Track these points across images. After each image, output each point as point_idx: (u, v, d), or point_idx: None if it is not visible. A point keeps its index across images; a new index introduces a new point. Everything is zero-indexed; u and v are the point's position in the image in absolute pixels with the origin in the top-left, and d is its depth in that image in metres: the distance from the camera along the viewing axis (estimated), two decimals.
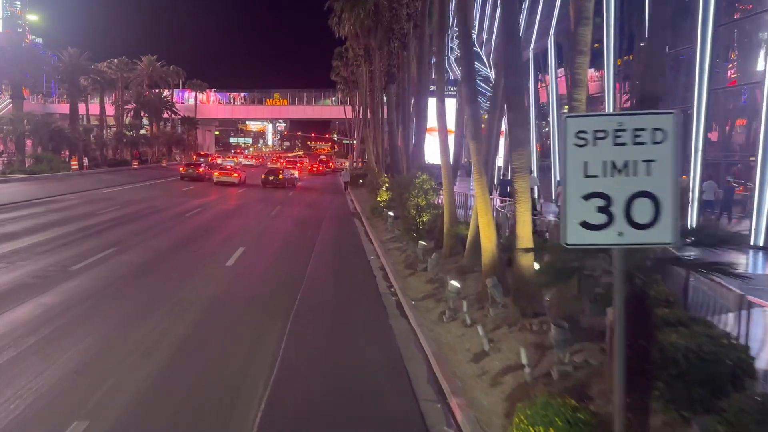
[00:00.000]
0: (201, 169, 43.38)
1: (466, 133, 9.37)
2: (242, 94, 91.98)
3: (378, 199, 24.72)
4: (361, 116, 68.38)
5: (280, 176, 40.05)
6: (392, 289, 12.20)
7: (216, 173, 40.95)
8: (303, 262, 14.78)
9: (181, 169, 44.05)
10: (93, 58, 60.99)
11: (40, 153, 43.29)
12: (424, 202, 12.99)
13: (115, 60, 65.85)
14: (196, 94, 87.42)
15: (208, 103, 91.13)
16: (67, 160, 45.53)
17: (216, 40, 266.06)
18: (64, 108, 70.07)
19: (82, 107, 62.16)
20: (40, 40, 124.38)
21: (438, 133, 12.35)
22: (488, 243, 9.38)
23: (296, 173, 46.98)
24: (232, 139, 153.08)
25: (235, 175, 40.13)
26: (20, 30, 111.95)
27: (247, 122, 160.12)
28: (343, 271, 14.32)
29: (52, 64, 51.34)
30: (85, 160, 45.17)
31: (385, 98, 34.53)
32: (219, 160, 65.68)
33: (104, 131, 61.03)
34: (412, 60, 20.66)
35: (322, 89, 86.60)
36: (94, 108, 67.56)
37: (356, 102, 67.76)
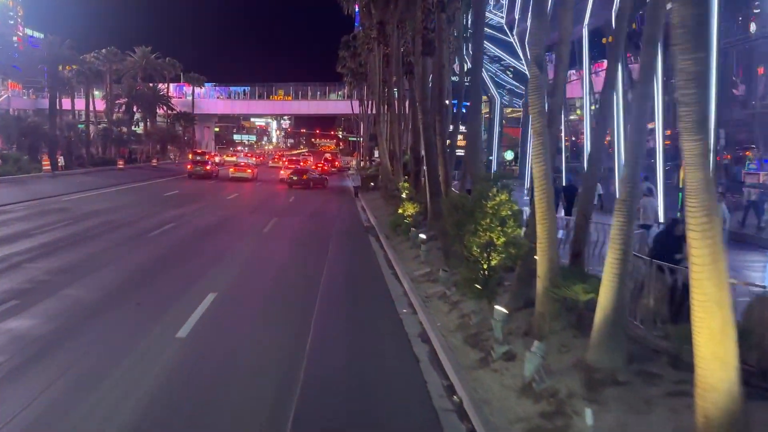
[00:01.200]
0: (208, 167, 43.64)
1: (681, 116, 3.96)
2: (243, 89, 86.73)
3: (400, 211, 19.43)
4: (370, 111, 63.37)
5: (305, 176, 39.24)
6: (455, 398, 6.90)
7: (232, 169, 44.22)
8: (300, 326, 9.50)
9: (189, 167, 44.15)
10: (82, 48, 56.11)
11: (8, 152, 38.22)
12: (501, 240, 7.74)
13: (103, 50, 60.49)
14: (193, 88, 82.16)
15: (208, 98, 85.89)
16: (48, 159, 40.49)
17: (215, 32, 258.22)
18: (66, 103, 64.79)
19: (68, 102, 57.29)
20: (39, 35, 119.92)
21: (531, 121, 6.98)
22: (720, 366, 4.02)
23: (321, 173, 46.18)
24: (236, 137, 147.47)
25: (249, 171, 43.85)
26: (12, 22, 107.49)
27: (252, 119, 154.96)
28: (365, 345, 8.99)
29: (26, 53, 46.12)
30: (61, 160, 39.95)
31: (390, 92, 29.19)
32: (216, 159, 60.77)
33: (90, 128, 55.80)
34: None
35: (328, 82, 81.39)
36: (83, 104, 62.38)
37: (365, 95, 62.46)
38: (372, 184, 36.81)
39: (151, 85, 71.40)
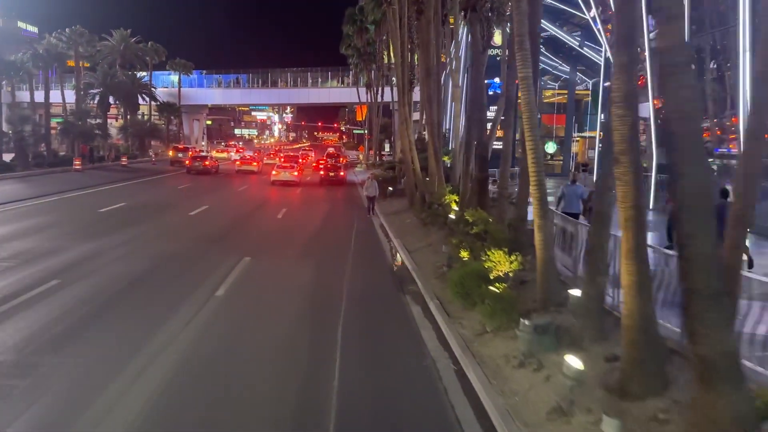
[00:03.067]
0: (207, 162, 41.91)
1: None
2: (236, 77, 77.88)
3: (462, 255, 10.68)
4: (380, 97, 54.64)
5: (341, 173, 38.31)
6: None
7: (238, 162, 45.63)
8: None
9: (187, 162, 42.33)
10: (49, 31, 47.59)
11: None
12: None
13: (67, 30, 51.57)
14: (180, 76, 73.37)
15: (198, 87, 76.90)
16: None
17: (206, 16, 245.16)
18: (39, 96, 56.06)
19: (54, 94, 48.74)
20: (33, 29, 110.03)
21: None
22: None
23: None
24: (236, 131, 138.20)
25: (255, 164, 44.15)
26: None
27: (253, 112, 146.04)
28: None
29: None
30: None
31: (427, 54, 20.37)
32: (203, 154, 52.26)
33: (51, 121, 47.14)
34: None
35: (330, 67, 72.59)
36: (56, 96, 53.65)
37: (373, 79, 53.61)
38: (390, 189, 28.01)
39: (130, 72, 62.77)
